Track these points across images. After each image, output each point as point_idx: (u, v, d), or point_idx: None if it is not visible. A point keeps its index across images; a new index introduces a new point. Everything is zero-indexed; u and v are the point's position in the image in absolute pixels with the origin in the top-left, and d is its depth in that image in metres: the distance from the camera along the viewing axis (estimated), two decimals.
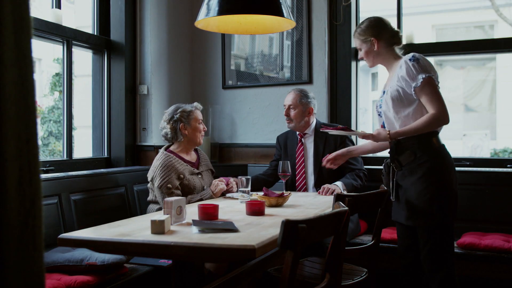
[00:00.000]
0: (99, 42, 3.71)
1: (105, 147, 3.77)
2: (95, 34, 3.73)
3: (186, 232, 1.89)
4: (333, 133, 2.69)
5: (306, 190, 3.31)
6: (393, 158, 2.46)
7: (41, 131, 6.19)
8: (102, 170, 3.36)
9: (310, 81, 3.90)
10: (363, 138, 2.57)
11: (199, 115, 3.09)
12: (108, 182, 3.21)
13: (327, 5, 3.83)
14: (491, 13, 7.73)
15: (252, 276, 2.29)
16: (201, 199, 2.90)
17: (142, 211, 3.26)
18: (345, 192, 3.01)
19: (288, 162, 2.98)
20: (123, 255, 2.43)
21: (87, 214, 2.96)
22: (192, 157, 3.13)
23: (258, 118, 4.11)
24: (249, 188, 2.68)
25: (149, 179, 3.00)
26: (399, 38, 2.53)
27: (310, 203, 2.67)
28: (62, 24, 3.32)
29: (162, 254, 1.93)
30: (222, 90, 4.23)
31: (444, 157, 2.37)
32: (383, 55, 2.51)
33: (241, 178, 2.69)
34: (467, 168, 3.40)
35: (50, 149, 6.37)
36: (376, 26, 2.51)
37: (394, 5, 3.74)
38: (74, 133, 3.68)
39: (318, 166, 3.22)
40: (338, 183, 3.06)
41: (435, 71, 2.36)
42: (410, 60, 2.35)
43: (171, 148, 3.08)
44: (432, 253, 2.33)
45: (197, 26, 2.65)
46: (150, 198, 3.04)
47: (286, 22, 2.67)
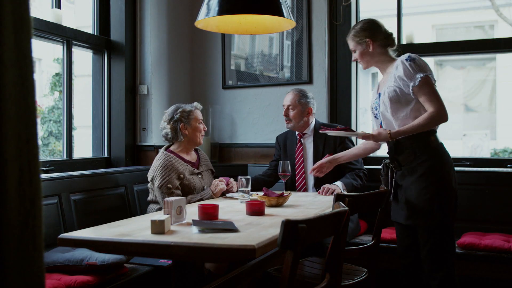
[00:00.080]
0: (99, 42, 3.71)
1: (105, 147, 3.77)
2: (95, 34, 3.73)
3: (186, 232, 1.89)
4: (332, 134, 2.69)
5: (306, 190, 3.30)
6: (392, 158, 2.46)
7: (41, 131, 6.19)
8: (102, 170, 3.36)
9: (310, 81, 3.89)
10: (363, 138, 2.57)
11: (199, 115, 3.09)
12: (108, 182, 3.21)
13: (327, 5, 3.83)
14: (491, 13, 7.72)
15: (252, 276, 2.30)
16: (201, 199, 2.90)
17: (142, 211, 3.26)
18: (345, 192, 3.01)
19: (288, 162, 2.98)
20: (123, 255, 2.43)
21: (87, 214, 2.96)
22: (192, 157, 3.13)
23: (258, 118, 4.10)
24: (249, 188, 2.68)
25: (149, 179, 3.00)
26: (393, 39, 2.55)
27: (310, 203, 2.67)
28: (62, 24, 3.32)
29: (162, 254, 1.93)
30: (222, 90, 4.23)
31: (443, 155, 2.38)
32: (378, 57, 2.53)
33: (241, 178, 2.68)
34: (467, 168, 3.40)
35: (50, 149, 6.36)
36: (371, 28, 2.53)
37: (394, 5, 3.74)
38: (74, 133, 3.68)
39: None
40: (338, 183, 3.06)
41: (431, 70, 2.40)
42: (406, 60, 2.37)
43: (171, 148, 3.08)
44: (432, 253, 2.34)
45: (197, 26, 2.65)
46: (150, 198, 3.04)
47: (286, 22, 2.67)
